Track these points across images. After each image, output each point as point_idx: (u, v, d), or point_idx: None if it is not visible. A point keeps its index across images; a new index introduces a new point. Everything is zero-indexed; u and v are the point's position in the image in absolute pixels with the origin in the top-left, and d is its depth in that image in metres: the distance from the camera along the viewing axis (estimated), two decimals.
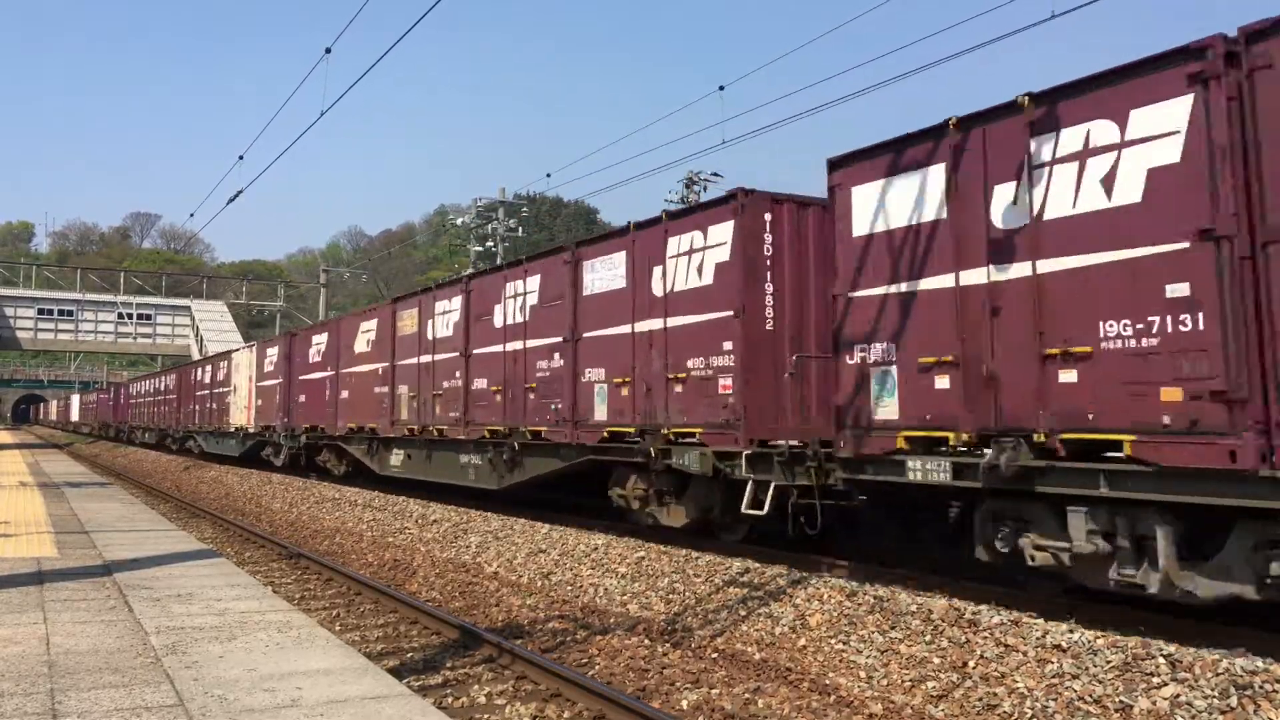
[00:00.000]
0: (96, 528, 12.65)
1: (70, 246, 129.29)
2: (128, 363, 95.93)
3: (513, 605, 10.49)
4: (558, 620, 9.69)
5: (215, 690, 5.13)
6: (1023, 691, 6.61)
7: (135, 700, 4.94)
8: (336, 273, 70.58)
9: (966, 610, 7.84)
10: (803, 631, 8.37)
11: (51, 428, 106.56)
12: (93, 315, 51.47)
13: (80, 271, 57.28)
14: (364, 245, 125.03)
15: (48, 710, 4.74)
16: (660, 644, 8.56)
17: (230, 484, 27.17)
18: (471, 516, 15.75)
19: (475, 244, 44.27)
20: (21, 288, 52.43)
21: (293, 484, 24.06)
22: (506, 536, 13.84)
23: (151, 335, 53.54)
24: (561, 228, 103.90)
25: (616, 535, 12.75)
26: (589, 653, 8.40)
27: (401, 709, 4.87)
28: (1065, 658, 6.80)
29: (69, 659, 5.75)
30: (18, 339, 50.26)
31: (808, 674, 7.57)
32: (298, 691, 5.14)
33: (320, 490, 21.98)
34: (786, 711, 6.76)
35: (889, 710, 6.75)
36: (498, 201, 43.84)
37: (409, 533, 15.81)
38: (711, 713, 6.75)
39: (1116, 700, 6.20)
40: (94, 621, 6.82)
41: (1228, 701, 5.88)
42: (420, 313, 18.79)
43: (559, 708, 6.86)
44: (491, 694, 7.18)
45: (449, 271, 55.94)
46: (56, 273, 59.96)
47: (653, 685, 7.39)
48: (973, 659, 7.17)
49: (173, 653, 5.94)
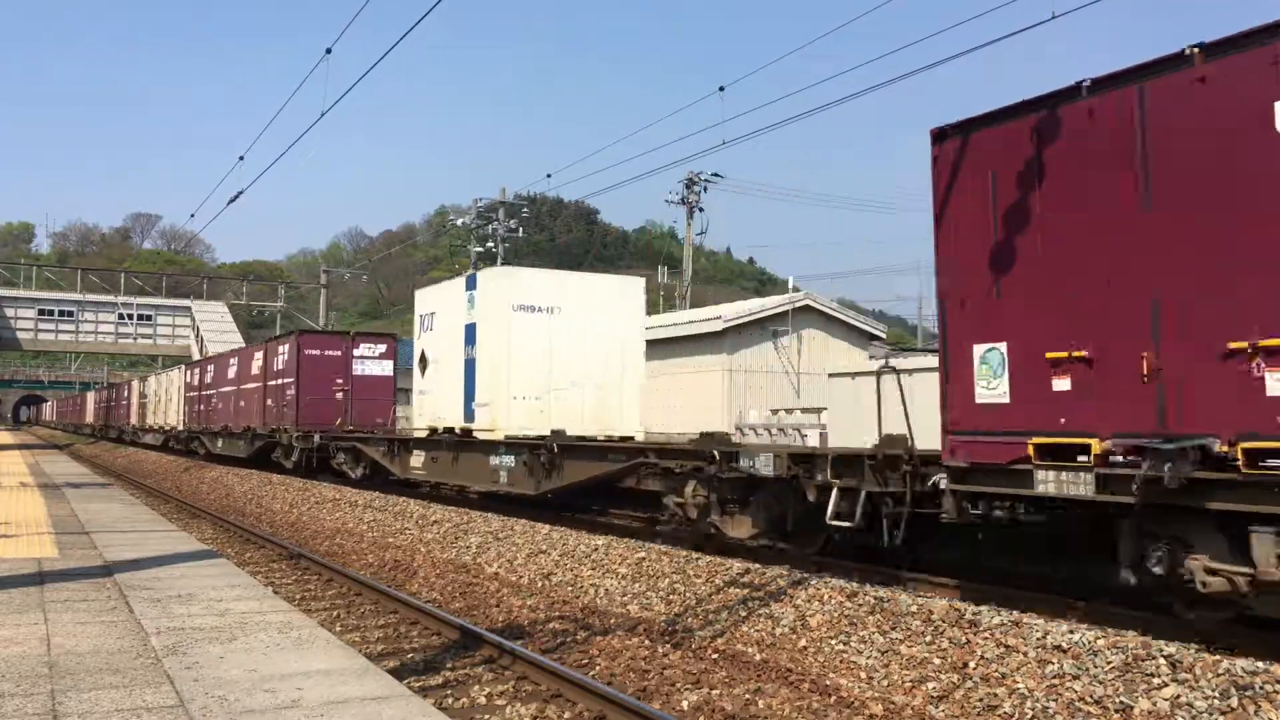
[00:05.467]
0: (97, 528, 12.65)
1: (70, 247, 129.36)
2: (128, 363, 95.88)
3: (513, 606, 10.48)
4: (558, 621, 9.68)
5: (216, 691, 5.13)
6: (1023, 692, 6.61)
7: (136, 701, 4.93)
8: (337, 273, 70.57)
9: (967, 611, 7.84)
10: (803, 632, 8.37)
11: (53, 429, 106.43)
12: (93, 316, 51.42)
13: (80, 272, 57.25)
14: (364, 246, 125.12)
15: (48, 711, 4.74)
16: (661, 644, 8.56)
17: (230, 484, 27.16)
18: (472, 517, 15.74)
19: (476, 245, 44.27)
20: (22, 288, 52.39)
21: (293, 484, 24.05)
22: (507, 537, 13.83)
23: (152, 336, 53.49)
24: (562, 228, 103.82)
25: (616, 536, 12.75)
26: (589, 653, 8.40)
27: (402, 709, 4.86)
28: (1066, 658, 6.80)
29: (69, 659, 5.75)
30: (18, 340, 50.24)
31: (808, 674, 7.57)
32: (298, 692, 5.14)
33: (320, 491, 21.97)
34: (787, 712, 6.76)
35: (889, 711, 6.75)
36: (498, 202, 43.85)
37: (409, 533, 15.81)
38: (712, 713, 6.75)
39: (1117, 701, 6.20)
40: (94, 622, 6.82)
41: (1228, 702, 5.87)
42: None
43: (559, 708, 6.86)
44: (492, 694, 7.18)
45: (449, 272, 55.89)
46: (57, 273, 59.92)
47: (653, 686, 7.39)
48: (973, 660, 7.16)
49: (173, 653, 5.94)
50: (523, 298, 16.70)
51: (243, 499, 24.01)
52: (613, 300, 17.53)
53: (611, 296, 17.61)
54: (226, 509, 21.93)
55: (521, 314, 16.62)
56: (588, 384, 16.98)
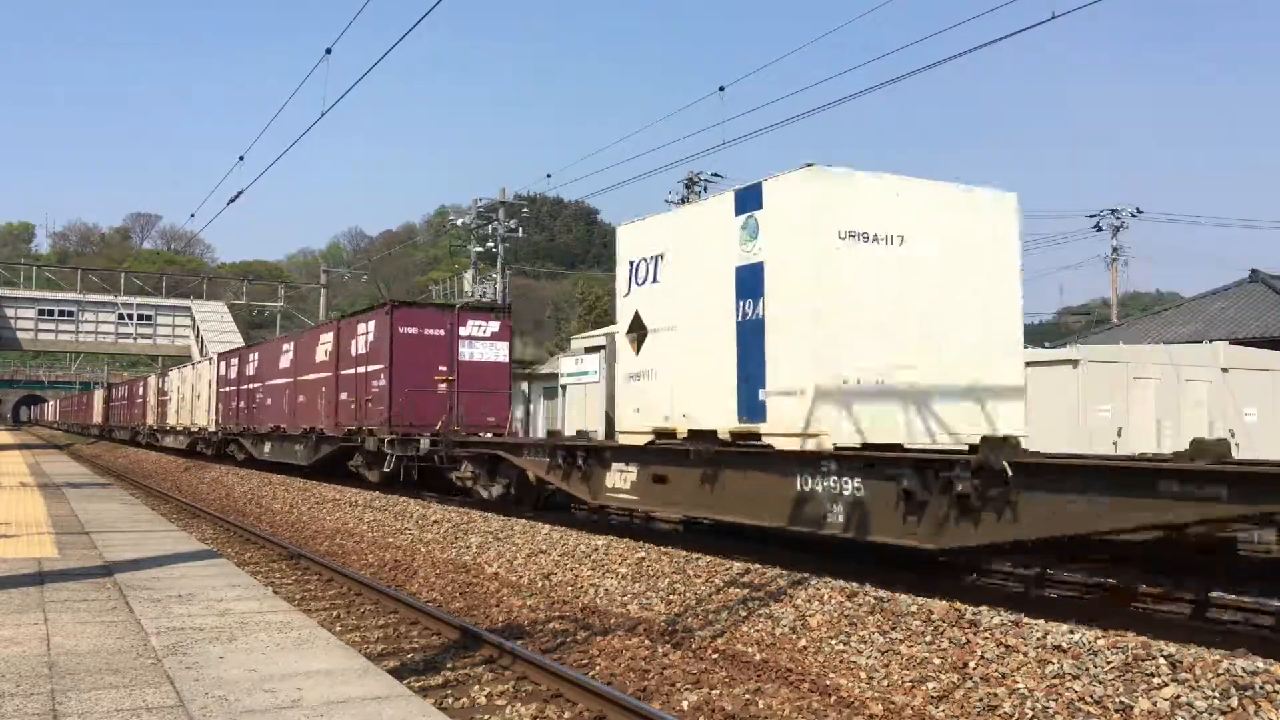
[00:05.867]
0: (97, 528, 12.65)
1: (70, 247, 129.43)
2: (128, 363, 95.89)
3: (513, 606, 10.49)
4: (558, 621, 9.69)
5: (216, 691, 5.13)
6: (1023, 692, 6.60)
7: (136, 701, 4.93)
8: (337, 273, 70.59)
9: (967, 611, 7.84)
10: (803, 632, 8.37)
11: (54, 429, 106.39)
12: (93, 316, 51.43)
13: (80, 272, 57.28)
14: (364, 246, 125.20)
15: (48, 711, 4.74)
16: (661, 644, 8.56)
17: (230, 484, 27.16)
18: (472, 517, 15.74)
19: (476, 244, 44.28)
20: (22, 288, 52.42)
21: (293, 484, 24.05)
22: (507, 537, 13.83)
23: (152, 336, 53.51)
24: (562, 228, 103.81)
25: (616, 536, 12.74)
26: (589, 653, 8.40)
27: (402, 709, 4.87)
28: (1066, 658, 6.80)
29: (69, 660, 5.75)
30: (18, 339, 50.27)
31: (808, 674, 7.57)
32: (298, 692, 5.14)
33: (321, 491, 21.96)
34: (787, 712, 6.76)
35: (889, 711, 6.75)
36: (498, 202, 43.85)
37: (409, 533, 15.81)
38: (712, 713, 6.75)
39: (1117, 701, 6.20)
40: (94, 622, 6.82)
41: (1228, 702, 5.87)
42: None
43: (560, 708, 6.86)
44: (492, 694, 7.18)
45: (449, 273, 55.87)
46: (57, 273, 59.97)
47: (653, 686, 7.39)
48: (973, 660, 7.16)
49: (173, 653, 5.94)
50: (855, 220, 10.18)
51: (243, 499, 24.01)
52: (975, 227, 10.88)
53: (973, 222, 10.87)
54: (226, 509, 21.93)
55: (853, 245, 10.14)
56: (948, 359, 10.48)
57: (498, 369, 21.24)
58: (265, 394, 28.66)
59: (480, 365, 21.03)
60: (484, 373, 21.01)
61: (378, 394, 20.53)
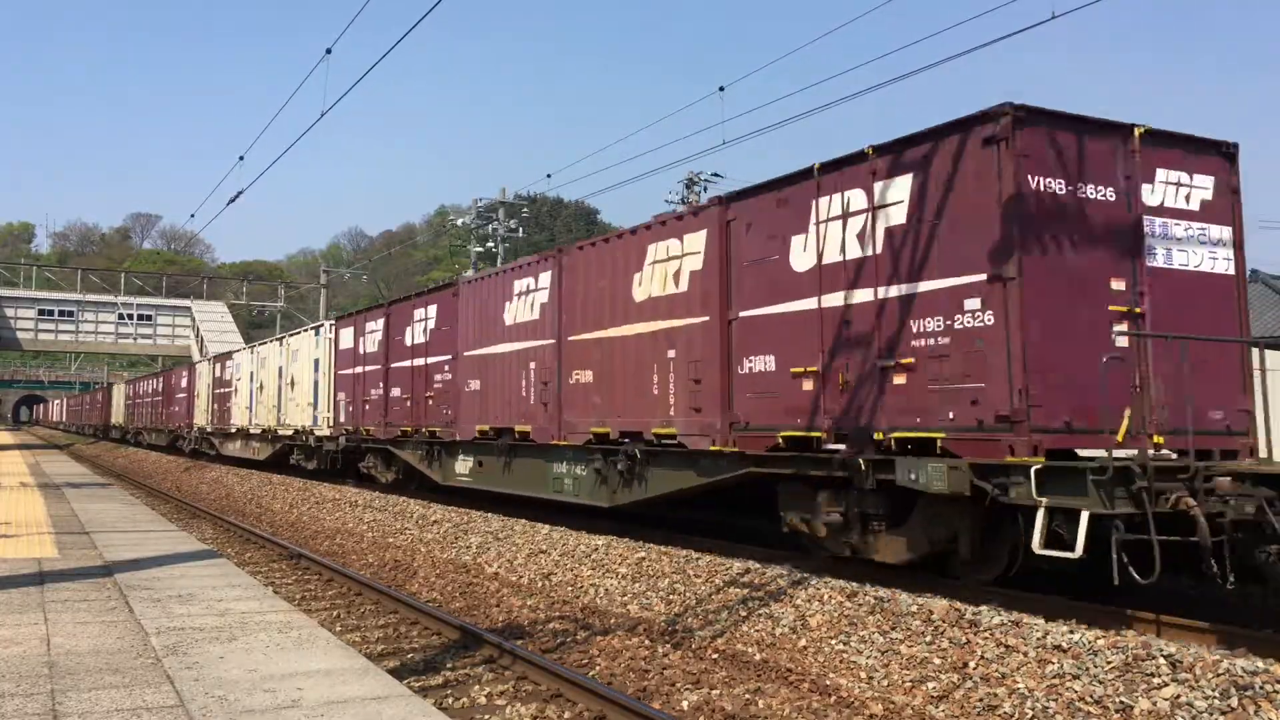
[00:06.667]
0: (97, 528, 12.65)
1: (70, 247, 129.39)
2: (128, 363, 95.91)
3: (513, 606, 10.49)
4: (558, 621, 9.69)
5: (216, 691, 5.13)
6: (1023, 692, 6.61)
7: (136, 701, 4.93)
8: (337, 273, 70.54)
9: (967, 611, 7.84)
10: (803, 632, 8.37)
11: (55, 429, 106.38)
12: (93, 316, 51.42)
13: (80, 272, 57.26)
14: (364, 246, 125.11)
15: (48, 711, 4.74)
16: (661, 644, 8.56)
17: (230, 485, 27.16)
18: (472, 517, 15.74)
19: (476, 244, 44.26)
20: (22, 288, 52.41)
21: (293, 484, 24.05)
22: (507, 537, 13.84)
23: (152, 336, 53.48)
24: (562, 228, 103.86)
25: (616, 536, 12.74)
26: (590, 653, 8.40)
27: (402, 709, 4.86)
28: (1066, 658, 6.80)
29: (70, 659, 5.75)
30: (18, 340, 50.25)
31: (808, 674, 7.57)
32: (298, 692, 5.14)
33: (320, 491, 21.97)
34: (787, 712, 6.76)
35: (889, 711, 6.75)
36: (498, 202, 43.84)
37: (409, 533, 15.81)
38: (712, 713, 6.75)
39: (1117, 701, 6.20)
40: (94, 622, 6.82)
41: (1228, 702, 5.88)
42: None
43: (560, 708, 6.86)
44: (492, 694, 7.18)
45: (449, 273, 55.95)
46: (57, 273, 59.94)
47: (653, 686, 7.39)
48: (973, 660, 7.16)
49: (173, 653, 5.94)
50: None
51: (243, 499, 24.00)
52: None
53: None
54: (226, 509, 21.93)
55: None
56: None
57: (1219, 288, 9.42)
58: (465, 373, 17.12)
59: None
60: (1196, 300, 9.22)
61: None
